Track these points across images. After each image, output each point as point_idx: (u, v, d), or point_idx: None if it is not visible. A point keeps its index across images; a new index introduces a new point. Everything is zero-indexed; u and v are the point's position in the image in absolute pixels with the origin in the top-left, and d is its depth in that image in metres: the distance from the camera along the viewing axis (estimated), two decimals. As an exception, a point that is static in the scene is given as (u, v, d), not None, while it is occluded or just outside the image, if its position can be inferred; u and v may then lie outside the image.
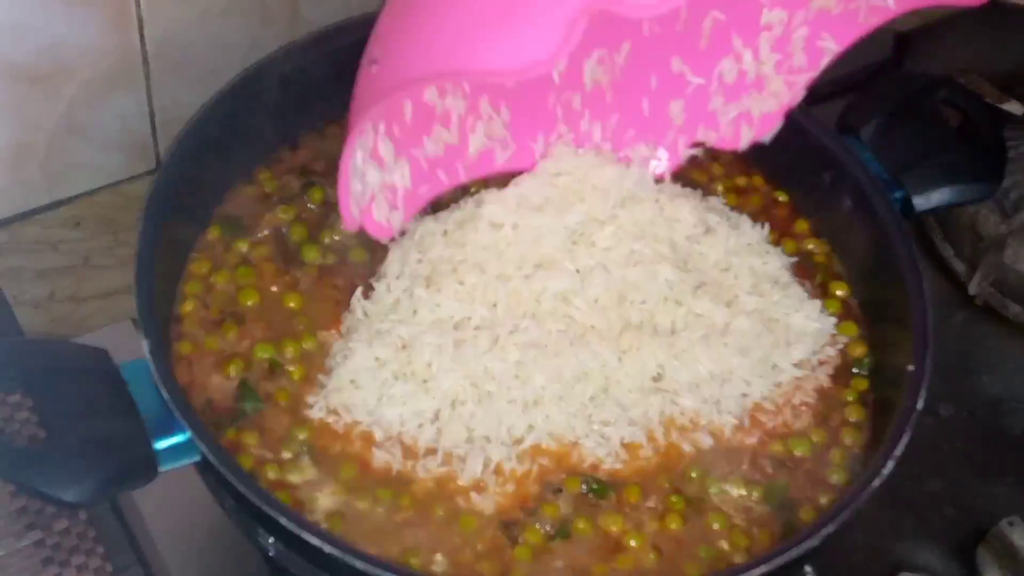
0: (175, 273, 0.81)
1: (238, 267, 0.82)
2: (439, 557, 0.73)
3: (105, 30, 0.88)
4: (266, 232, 0.83)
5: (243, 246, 0.83)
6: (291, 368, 0.78)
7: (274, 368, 0.78)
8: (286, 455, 0.75)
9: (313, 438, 0.76)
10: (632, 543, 0.74)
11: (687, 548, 0.74)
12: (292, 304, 0.81)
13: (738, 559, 0.74)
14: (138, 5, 0.88)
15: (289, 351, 0.79)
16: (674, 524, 0.75)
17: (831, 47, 0.84)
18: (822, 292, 0.86)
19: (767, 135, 0.87)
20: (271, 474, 0.74)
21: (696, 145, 0.89)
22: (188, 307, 0.80)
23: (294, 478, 0.74)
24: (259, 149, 0.87)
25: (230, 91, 0.82)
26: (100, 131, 0.94)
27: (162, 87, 0.94)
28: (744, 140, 0.88)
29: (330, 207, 0.83)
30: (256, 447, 0.75)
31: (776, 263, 0.85)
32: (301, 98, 0.85)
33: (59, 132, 0.92)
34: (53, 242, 0.97)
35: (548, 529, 0.74)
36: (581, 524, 0.74)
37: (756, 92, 0.86)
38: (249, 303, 0.81)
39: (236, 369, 0.77)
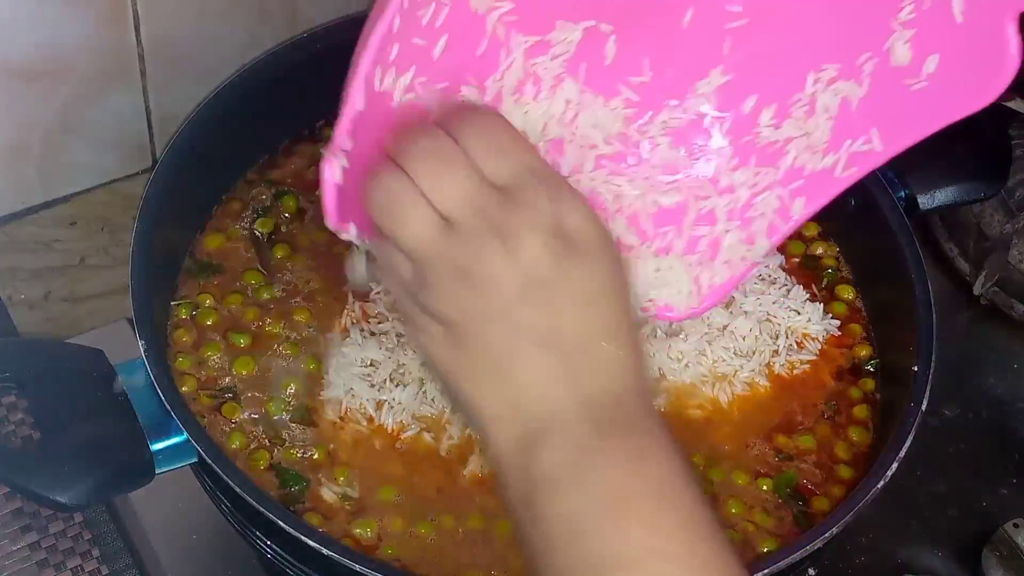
0: (172, 272, 0.80)
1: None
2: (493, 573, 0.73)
3: (101, 28, 0.87)
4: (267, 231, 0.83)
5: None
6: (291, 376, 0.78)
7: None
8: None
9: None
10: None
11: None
12: (299, 317, 0.80)
13: (765, 544, 0.74)
14: (134, 3, 0.87)
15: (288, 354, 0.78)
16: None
17: (798, 211, 0.73)
18: (829, 295, 0.85)
19: (711, 307, 0.76)
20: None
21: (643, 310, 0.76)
22: (184, 310, 0.79)
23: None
24: (259, 146, 0.86)
25: (228, 89, 0.81)
26: (96, 130, 0.93)
27: (158, 85, 0.93)
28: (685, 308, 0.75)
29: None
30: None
31: (774, 263, 0.85)
32: (301, 96, 0.85)
33: (54, 131, 0.92)
34: (48, 241, 0.97)
35: None
36: None
37: (708, 260, 0.75)
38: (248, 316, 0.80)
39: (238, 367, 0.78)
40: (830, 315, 0.84)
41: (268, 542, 0.71)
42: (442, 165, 0.58)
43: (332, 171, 0.60)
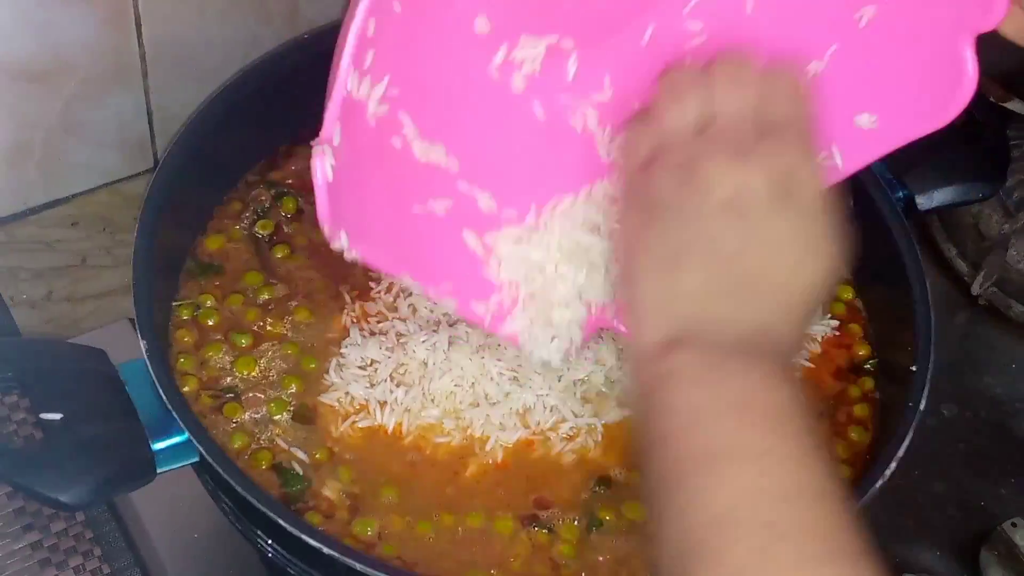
0: (173, 272, 0.81)
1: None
2: (493, 572, 0.73)
3: (102, 29, 0.87)
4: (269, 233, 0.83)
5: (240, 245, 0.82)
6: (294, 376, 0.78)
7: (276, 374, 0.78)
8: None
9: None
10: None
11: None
12: (299, 317, 0.80)
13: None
14: (136, 4, 0.87)
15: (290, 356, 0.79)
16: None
17: None
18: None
19: None
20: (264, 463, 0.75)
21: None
22: (186, 310, 0.80)
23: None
24: (260, 147, 0.86)
25: (229, 90, 0.81)
26: (97, 130, 0.93)
27: (160, 86, 0.93)
28: None
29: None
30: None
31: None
32: (302, 97, 0.85)
33: (56, 131, 0.91)
34: (50, 242, 0.97)
35: (578, 523, 0.74)
36: (608, 516, 0.75)
37: None
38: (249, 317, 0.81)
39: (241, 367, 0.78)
40: (829, 315, 0.84)
41: (269, 541, 0.71)
42: (737, 84, 0.63)
43: (323, 166, 0.61)
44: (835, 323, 0.84)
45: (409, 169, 0.67)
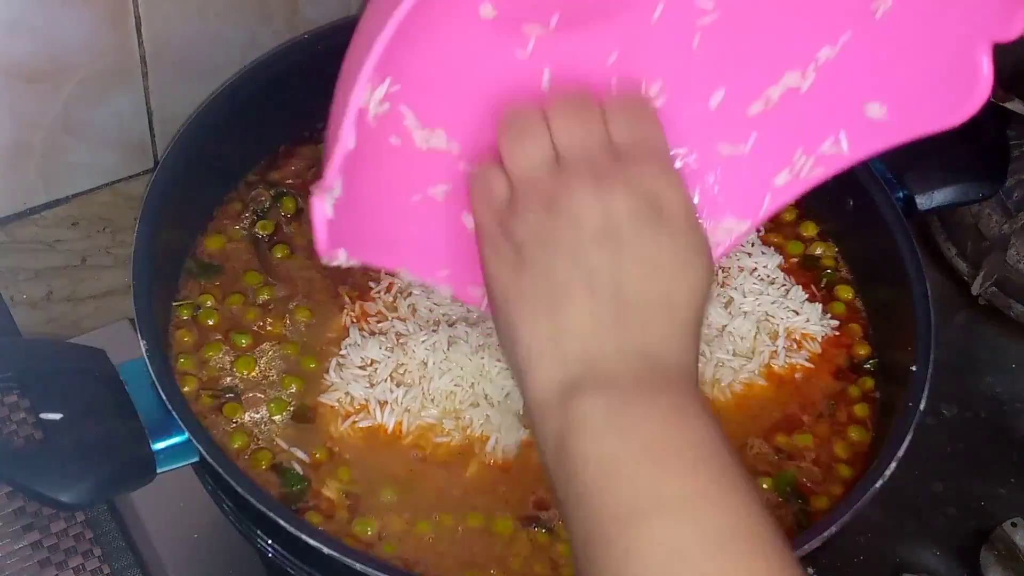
0: (173, 273, 0.81)
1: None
2: (493, 572, 0.73)
3: (102, 28, 0.87)
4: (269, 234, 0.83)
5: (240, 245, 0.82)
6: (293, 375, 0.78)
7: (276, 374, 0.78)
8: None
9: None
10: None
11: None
12: (299, 317, 0.81)
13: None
14: (136, 3, 0.88)
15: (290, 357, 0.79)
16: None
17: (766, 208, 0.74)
18: (828, 295, 0.86)
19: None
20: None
21: None
22: (186, 310, 0.80)
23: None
24: (260, 147, 0.86)
25: (229, 90, 0.81)
26: (97, 130, 0.93)
27: (160, 86, 0.93)
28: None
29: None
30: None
31: (773, 264, 0.85)
32: (302, 97, 0.85)
33: (56, 131, 0.92)
34: (50, 242, 0.97)
35: None
36: None
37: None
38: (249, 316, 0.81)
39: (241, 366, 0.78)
40: (829, 315, 0.84)
41: (269, 541, 0.71)
42: (580, 114, 0.64)
43: (324, 207, 0.61)
44: (835, 323, 0.84)
45: (409, 160, 0.68)
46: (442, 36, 0.65)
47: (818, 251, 0.87)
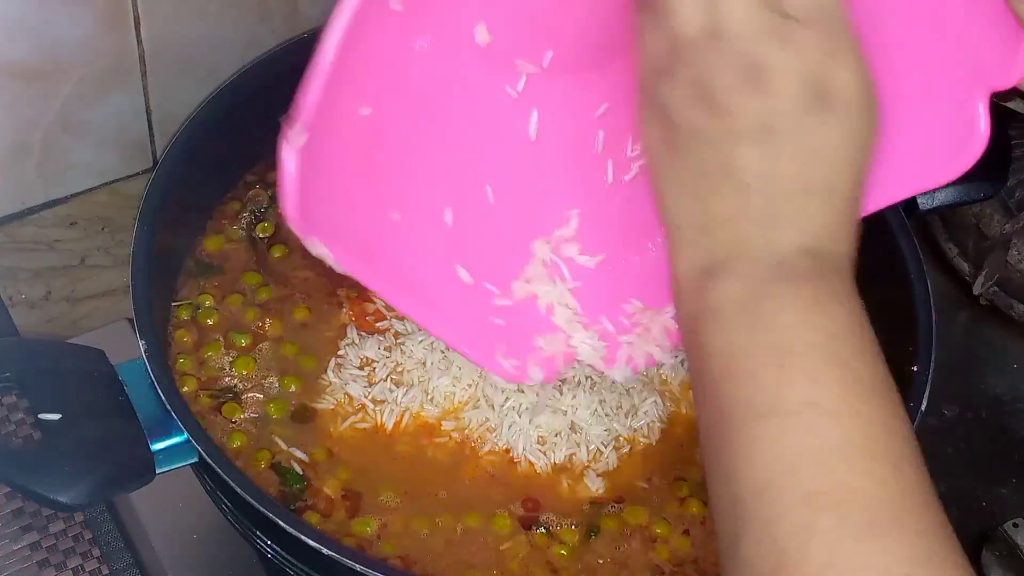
0: (172, 273, 0.80)
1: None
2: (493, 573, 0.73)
3: (101, 28, 0.87)
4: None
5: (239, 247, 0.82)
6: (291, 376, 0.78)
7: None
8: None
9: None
10: (658, 531, 0.75)
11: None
12: (298, 316, 0.80)
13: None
14: (134, 3, 0.87)
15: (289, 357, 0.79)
16: (694, 508, 0.75)
17: None
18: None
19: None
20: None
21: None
22: (185, 310, 0.80)
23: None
24: (259, 147, 0.86)
25: (228, 89, 0.81)
26: (96, 129, 0.93)
27: (159, 85, 0.93)
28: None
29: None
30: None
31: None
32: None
33: (55, 131, 0.91)
34: (49, 241, 0.97)
35: (577, 527, 0.74)
36: (610, 525, 0.75)
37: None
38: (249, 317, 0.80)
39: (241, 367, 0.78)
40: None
41: (268, 541, 0.71)
42: None
43: (291, 155, 0.58)
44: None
45: (388, 168, 0.65)
46: (432, 52, 0.62)
47: (819, 251, 0.87)
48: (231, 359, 0.78)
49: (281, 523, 0.67)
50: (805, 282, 0.55)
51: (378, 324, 0.79)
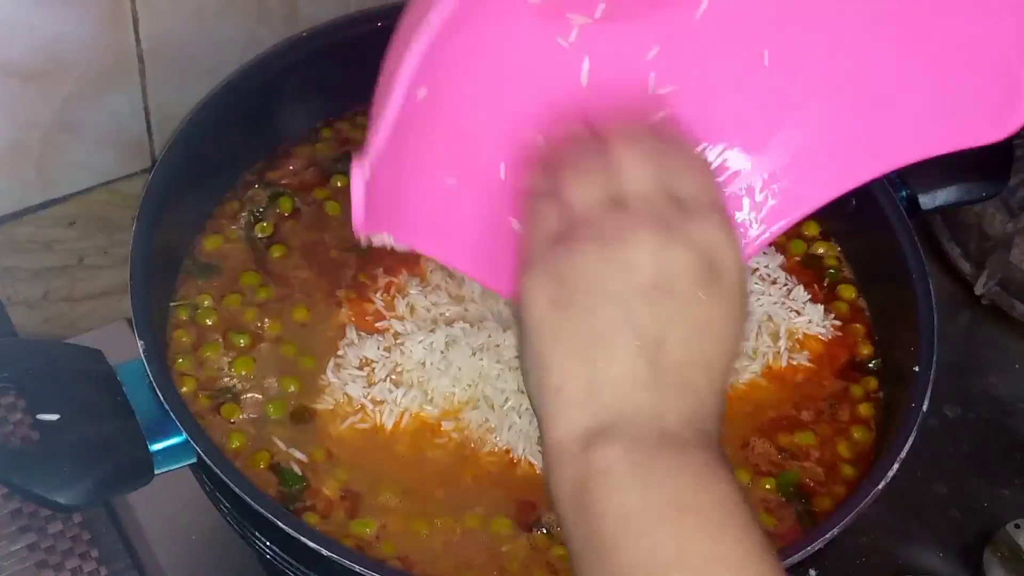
0: (171, 272, 0.80)
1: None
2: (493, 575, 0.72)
3: (99, 27, 0.87)
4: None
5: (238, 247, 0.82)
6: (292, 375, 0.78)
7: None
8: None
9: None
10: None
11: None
12: (297, 317, 0.80)
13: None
14: (133, 3, 0.87)
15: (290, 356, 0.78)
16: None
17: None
18: (830, 294, 0.85)
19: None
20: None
21: None
22: (184, 310, 0.79)
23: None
24: (257, 147, 0.86)
25: (226, 89, 0.81)
26: (95, 129, 0.93)
27: (157, 85, 0.93)
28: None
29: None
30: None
31: (774, 263, 0.85)
32: (300, 96, 0.85)
33: (53, 130, 0.91)
34: (47, 241, 0.97)
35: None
36: None
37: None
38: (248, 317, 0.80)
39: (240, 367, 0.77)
40: (832, 314, 0.84)
41: (267, 542, 0.71)
42: (646, 158, 0.61)
43: (363, 174, 0.60)
44: (838, 323, 0.83)
45: (449, 141, 0.66)
46: (489, 19, 0.63)
47: (820, 251, 0.87)
48: (230, 359, 0.78)
49: (280, 524, 0.67)
50: (694, 450, 0.57)
51: (377, 324, 0.79)
